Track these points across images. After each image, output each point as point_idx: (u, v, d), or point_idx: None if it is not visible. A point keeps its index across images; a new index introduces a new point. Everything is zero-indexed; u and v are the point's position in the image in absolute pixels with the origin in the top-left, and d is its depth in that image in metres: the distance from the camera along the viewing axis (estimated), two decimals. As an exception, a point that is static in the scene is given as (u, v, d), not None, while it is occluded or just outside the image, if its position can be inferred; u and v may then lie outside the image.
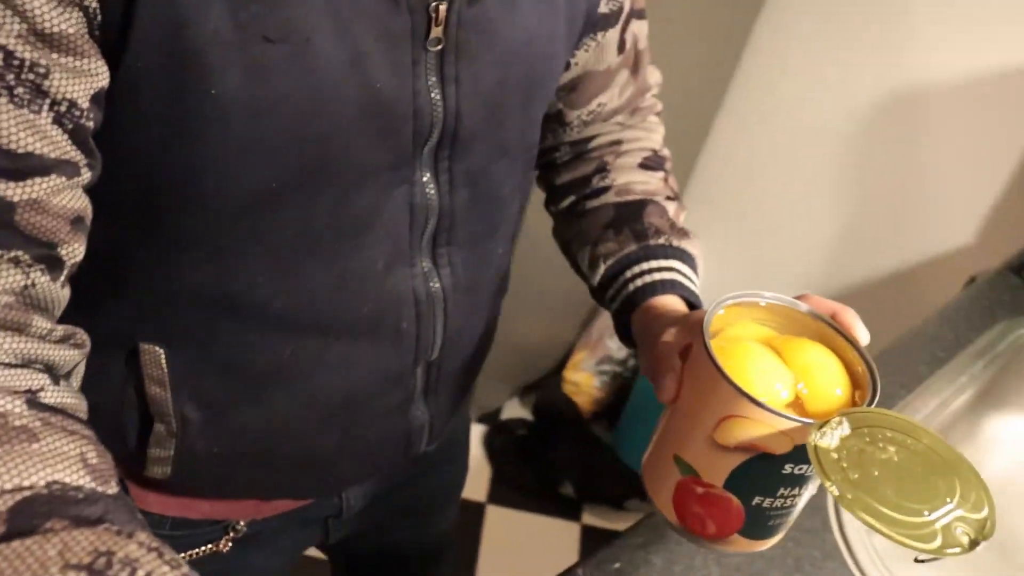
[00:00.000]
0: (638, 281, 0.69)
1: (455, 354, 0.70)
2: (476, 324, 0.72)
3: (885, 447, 0.48)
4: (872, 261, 1.81)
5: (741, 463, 0.51)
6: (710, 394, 0.51)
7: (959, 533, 0.46)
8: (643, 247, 0.70)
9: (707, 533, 0.55)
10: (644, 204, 0.73)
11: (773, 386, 0.52)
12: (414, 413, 0.71)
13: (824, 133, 1.79)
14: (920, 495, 0.47)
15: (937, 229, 1.69)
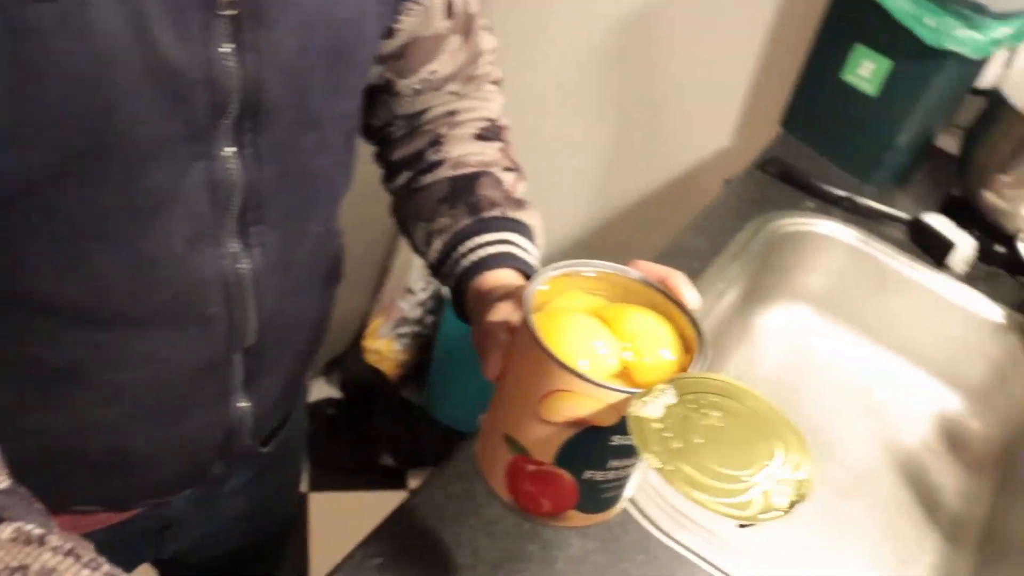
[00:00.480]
0: (472, 256, 0.66)
1: (277, 340, 0.67)
2: (297, 307, 0.69)
3: (709, 413, 0.48)
4: (637, 179, 1.83)
5: (569, 438, 0.50)
6: (533, 369, 0.50)
7: (778, 495, 0.46)
8: (477, 220, 0.68)
9: (542, 511, 0.54)
10: (479, 176, 0.71)
11: (597, 356, 0.51)
12: (234, 405, 0.68)
13: (567, 59, 1.77)
14: (741, 460, 0.46)
15: (694, 137, 1.71)
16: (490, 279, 0.65)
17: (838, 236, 1.19)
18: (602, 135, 1.82)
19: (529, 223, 0.71)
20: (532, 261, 0.68)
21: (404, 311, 2.13)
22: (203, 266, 0.58)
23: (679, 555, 0.76)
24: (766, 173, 1.25)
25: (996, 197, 1.18)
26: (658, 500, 0.79)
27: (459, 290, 0.68)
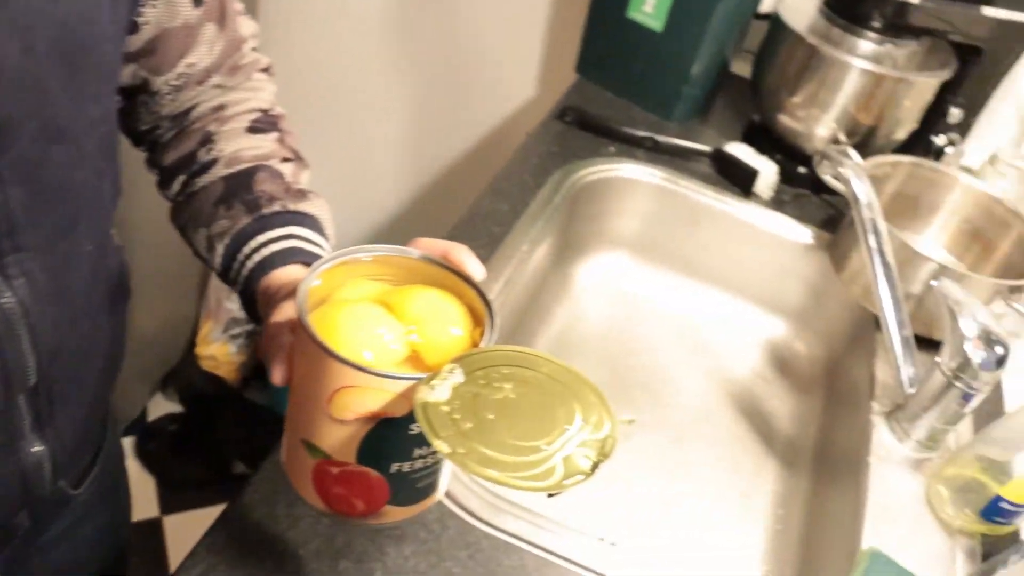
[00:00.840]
0: (255, 256, 0.63)
1: (65, 374, 0.62)
2: (82, 335, 0.63)
3: (501, 386, 0.46)
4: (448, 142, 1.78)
5: (366, 434, 0.48)
6: (316, 369, 0.48)
7: (581, 458, 0.45)
8: (257, 218, 0.64)
9: (357, 512, 0.53)
10: (255, 172, 0.67)
11: (382, 345, 0.49)
12: (27, 451, 0.62)
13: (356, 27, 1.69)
14: (539, 429, 0.45)
15: (500, 92, 1.67)
16: (278, 278, 0.61)
17: (643, 178, 1.17)
18: (404, 102, 1.76)
19: (314, 213, 0.67)
20: (322, 253, 0.65)
21: (233, 311, 2.04)
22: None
23: (505, 543, 0.72)
24: (564, 122, 1.21)
25: (790, 119, 1.18)
26: (474, 488, 0.75)
27: (248, 294, 0.64)
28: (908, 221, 1.15)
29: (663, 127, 1.26)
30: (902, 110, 1.14)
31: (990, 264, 1.09)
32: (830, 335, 1.19)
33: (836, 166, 0.95)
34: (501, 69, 1.63)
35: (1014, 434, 0.78)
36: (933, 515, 0.83)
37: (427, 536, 0.71)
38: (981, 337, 0.82)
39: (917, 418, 0.88)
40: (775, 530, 0.99)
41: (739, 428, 1.10)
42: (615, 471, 0.98)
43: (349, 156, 1.90)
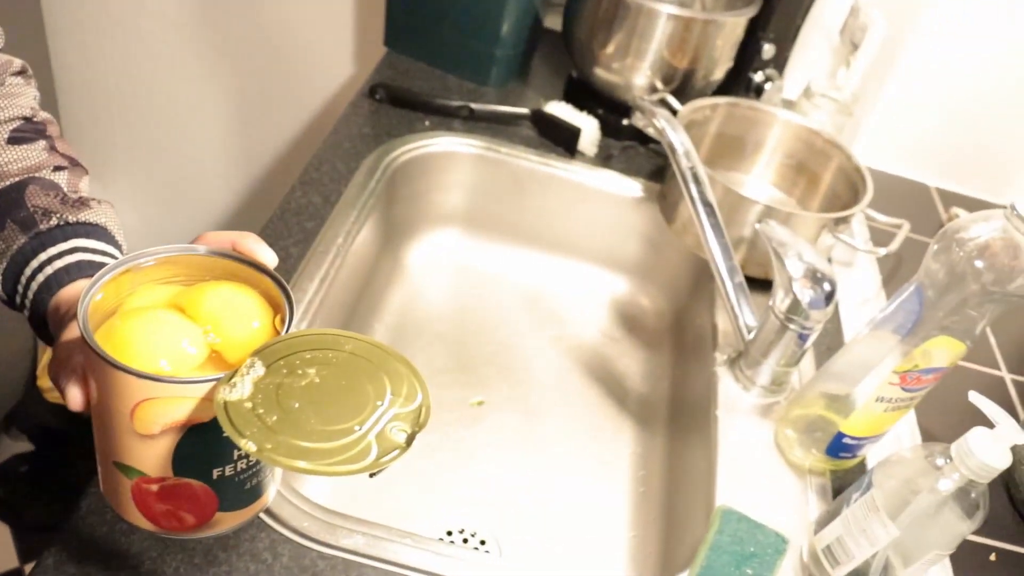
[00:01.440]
0: (39, 277, 0.59)
1: None
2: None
3: (305, 371, 0.45)
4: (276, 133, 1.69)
5: (177, 445, 0.46)
6: (111, 386, 0.45)
7: (395, 433, 0.44)
8: (33, 236, 0.60)
9: (188, 526, 0.50)
10: (24, 186, 0.62)
11: (178, 351, 0.47)
12: None
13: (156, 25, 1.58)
14: (349, 410, 0.44)
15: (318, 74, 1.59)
16: (66, 296, 0.57)
17: (460, 149, 1.12)
18: (222, 97, 1.66)
19: (98, 221, 0.63)
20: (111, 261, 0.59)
21: (71, 337, 1.91)
22: None
23: (344, 560, 0.67)
24: (375, 100, 1.15)
25: (606, 72, 1.16)
26: (305, 508, 0.69)
27: (38, 318, 0.59)
28: (735, 162, 1.14)
29: (481, 94, 1.21)
30: (715, 51, 1.13)
31: (817, 196, 1.09)
32: (673, 287, 1.17)
33: (650, 117, 0.92)
34: (314, 51, 1.56)
35: (851, 367, 0.78)
36: (783, 459, 0.82)
37: (259, 568, 0.65)
38: (807, 276, 0.81)
39: (758, 364, 0.87)
40: (638, 493, 0.97)
41: (593, 393, 1.07)
42: (469, 457, 0.95)
43: (172, 160, 1.80)
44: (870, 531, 0.66)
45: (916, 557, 0.65)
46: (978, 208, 1.22)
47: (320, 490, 0.88)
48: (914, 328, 0.70)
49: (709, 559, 0.70)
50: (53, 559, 0.63)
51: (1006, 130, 1.24)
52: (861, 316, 1.01)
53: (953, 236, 0.66)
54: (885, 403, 0.74)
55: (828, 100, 1.15)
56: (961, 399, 0.65)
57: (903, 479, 0.65)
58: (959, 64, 1.19)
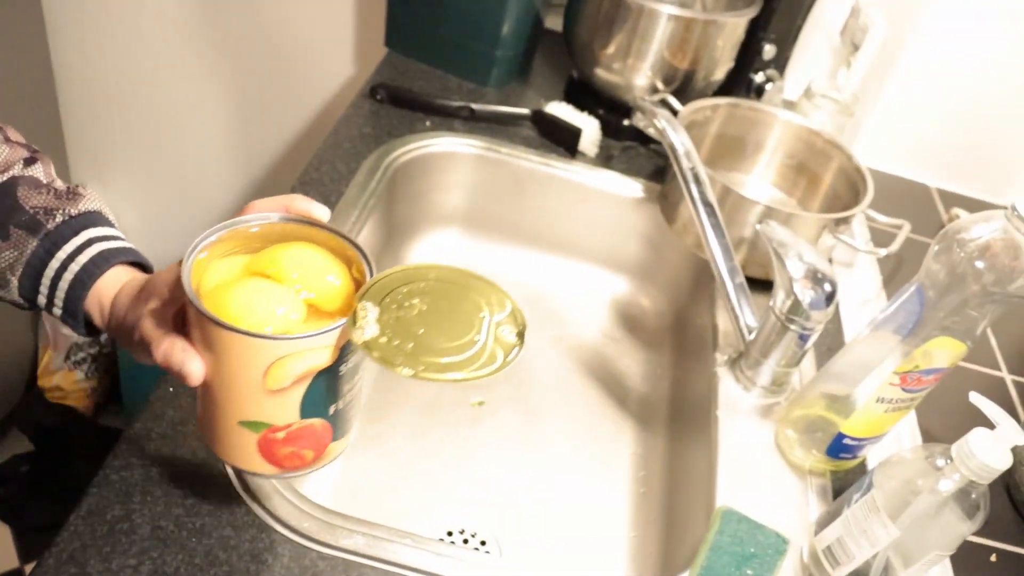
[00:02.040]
0: (67, 275, 0.60)
1: None
2: None
3: (411, 303, 0.49)
4: (276, 132, 1.69)
5: (305, 391, 0.51)
6: (241, 354, 0.49)
7: (507, 335, 0.49)
8: (44, 237, 0.60)
9: (308, 461, 0.56)
10: (10, 189, 0.61)
11: (282, 310, 0.50)
12: None
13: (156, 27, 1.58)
14: (463, 327, 0.49)
15: (318, 73, 1.59)
16: (106, 288, 0.60)
17: (461, 150, 1.12)
18: (222, 96, 1.66)
19: (95, 208, 0.64)
20: (126, 244, 0.63)
21: (72, 337, 1.92)
22: None
23: (344, 561, 0.67)
24: (376, 100, 1.15)
25: (607, 72, 1.15)
26: (304, 508, 0.69)
27: (73, 313, 0.61)
28: (735, 162, 1.14)
29: (482, 94, 1.21)
30: (716, 51, 1.13)
31: (818, 196, 1.09)
32: (673, 287, 1.17)
33: (651, 117, 0.92)
34: (314, 51, 1.56)
35: (852, 368, 0.77)
36: (784, 459, 0.82)
37: (259, 568, 0.65)
38: (808, 276, 0.81)
39: (758, 364, 0.87)
40: (638, 493, 0.97)
41: (593, 394, 1.07)
42: (469, 457, 0.95)
43: (172, 160, 1.80)
44: (870, 532, 0.66)
45: (917, 558, 0.65)
46: (979, 208, 1.22)
47: (320, 490, 0.88)
48: (915, 329, 0.70)
49: (709, 559, 0.70)
50: (53, 559, 0.63)
51: (1007, 130, 1.24)
52: (862, 317, 1.01)
53: (954, 237, 0.66)
54: (886, 404, 0.74)
55: (829, 101, 1.15)
56: (962, 400, 0.65)
57: (904, 480, 0.65)
58: (959, 64, 1.19)
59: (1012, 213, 0.63)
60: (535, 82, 1.29)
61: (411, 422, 0.98)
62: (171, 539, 0.65)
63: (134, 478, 0.68)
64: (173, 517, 0.66)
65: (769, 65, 1.21)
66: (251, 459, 0.55)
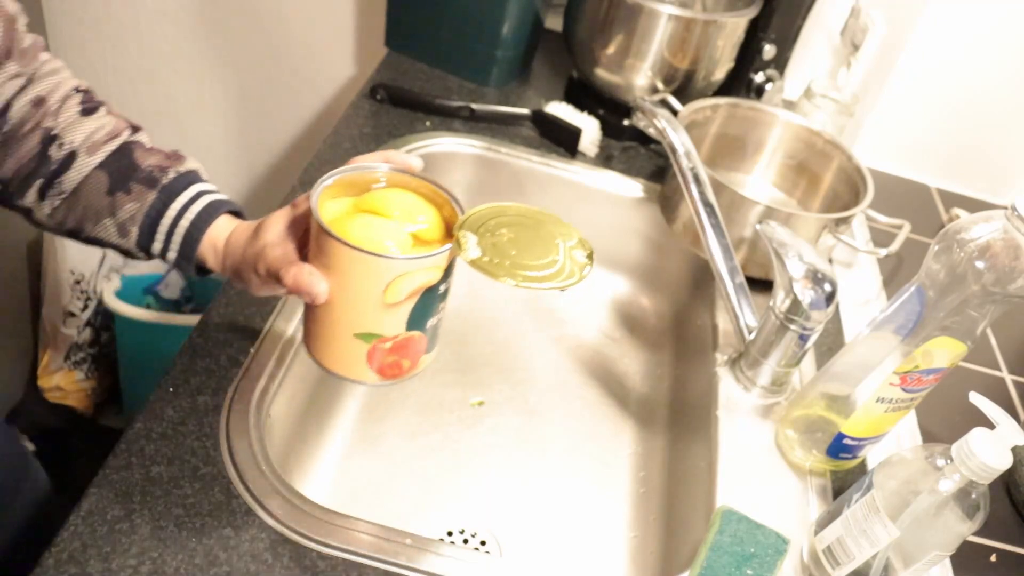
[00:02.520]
0: (182, 222, 0.68)
1: None
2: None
3: (500, 232, 0.58)
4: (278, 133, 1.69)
5: (412, 306, 0.59)
6: (364, 275, 0.57)
7: (579, 256, 0.59)
8: (161, 191, 0.69)
9: (404, 370, 0.63)
10: (128, 151, 0.70)
11: (392, 242, 0.58)
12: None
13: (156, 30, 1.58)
14: (545, 250, 0.58)
15: (319, 73, 1.59)
16: (218, 232, 0.69)
17: (461, 150, 1.12)
18: (223, 97, 1.66)
19: (196, 167, 0.72)
20: (226, 196, 0.72)
21: (72, 337, 1.91)
22: None
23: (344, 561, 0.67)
24: (376, 100, 1.15)
25: (607, 72, 1.16)
26: (304, 508, 0.69)
27: (186, 258, 0.69)
28: (736, 162, 1.14)
29: (482, 94, 1.21)
30: (716, 51, 1.13)
31: (818, 196, 1.09)
32: (673, 287, 1.17)
33: (651, 117, 0.92)
34: (314, 51, 1.56)
35: (852, 368, 0.77)
36: (784, 459, 0.82)
37: (259, 568, 0.65)
38: (808, 276, 0.81)
39: (758, 364, 0.87)
40: (638, 493, 0.97)
41: (593, 394, 1.07)
42: (469, 457, 0.95)
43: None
44: (871, 532, 0.66)
45: (917, 558, 0.65)
46: (979, 208, 1.22)
47: (320, 490, 0.88)
48: (915, 329, 0.70)
49: (709, 560, 0.70)
50: (53, 559, 0.63)
51: (1007, 130, 1.24)
52: (862, 317, 1.01)
53: (954, 237, 0.66)
54: (886, 404, 0.74)
55: (829, 101, 1.15)
56: (962, 400, 0.65)
57: (904, 480, 0.65)
58: (960, 64, 1.19)
59: (1012, 213, 0.63)
60: (535, 82, 1.29)
61: (411, 422, 0.98)
62: (171, 539, 0.65)
63: (134, 478, 0.68)
64: (173, 517, 0.66)
65: (769, 65, 1.21)
66: (358, 368, 0.62)
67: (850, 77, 1.21)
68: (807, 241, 0.85)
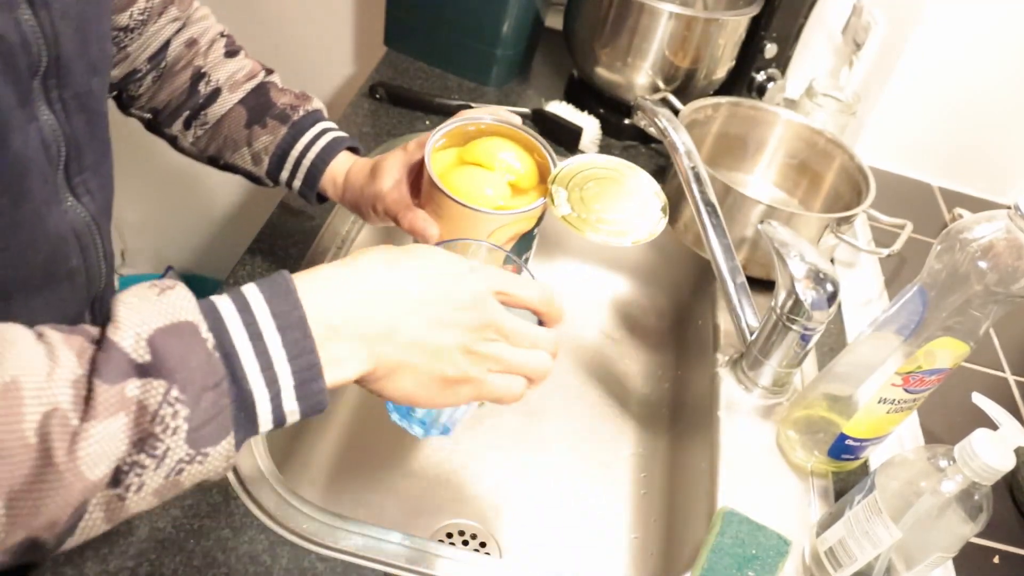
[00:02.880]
0: (309, 155, 0.77)
1: (110, 283, 0.71)
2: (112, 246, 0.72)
3: (586, 187, 0.64)
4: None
5: (512, 247, 0.67)
6: (470, 225, 0.65)
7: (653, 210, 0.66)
8: (291, 126, 0.78)
9: None
10: (264, 90, 0.80)
11: (496, 188, 0.66)
12: None
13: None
14: (626, 202, 0.65)
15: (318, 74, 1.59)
16: (338, 167, 0.78)
17: (461, 150, 1.12)
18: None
19: (321, 107, 0.82)
20: (345, 134, 0.80)
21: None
22: (59, 223, 0.61)
23: (343, 563, 0.67)
24: (375, 99, 1.14)
25: (608, 71, 1.15)
26: (304, 509, 0.69)
27: (309, 186, 0.79)
28: (737, 161, 1.14)
29: (482, 93, 1.21)
30: (717, 50, 1.12)
31: (819, 196, 1.09)
32: (675, 287, 1.17)
33: (652, 116, 0.91)
34: (314, 50, 1.55)
35: (854, 368, 0.77)
36: (785, 460, 0.82)
37: (258, 570, 0.65)
38: (810, 276, 0.80)
39: (760, 365, 0.86)
40: (639, 494, 0.96)
41: (594, 394, 1.07)
42: (469, 458, 0.94)
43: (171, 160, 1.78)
44: (873, 533, 0.65)
45: (919, 559, 0.65)
46: (981, 208, 1.22)
47: (319, 491, 0.88)
48: (917, 329, 0.69)
49: (711, 561, 0.69)
50: (50, 561, 0.62)
51: (1010, 129, 1.23)
52: (864, 317, 1.00)
53: (956, 236, 0.65)
54: (888, 404, 0.74)
55: (830, 99, 1.14)
56: (964, 400, 0.65)
57: (906, 481, 0.64)
58: (962, 63, 1.18)
59: (1015, 213, 0.63)
60: (535, 81, 1.28)
61: (411, 423, 0.97)
62: (169, 541, 0.65)
63: (132, 479, 0.68)
64: (171, 518, 0.66)
65: (770, 64, 1.21)
66: None
67: (852, 76, 1.21)
68: (809, 241, 0.84)
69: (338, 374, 0.46)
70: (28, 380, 0.38)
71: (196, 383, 0.41)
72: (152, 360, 0.40)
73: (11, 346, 0.39)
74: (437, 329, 0.48)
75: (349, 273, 0.48)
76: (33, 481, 0.37)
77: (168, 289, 0.43)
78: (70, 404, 0.39)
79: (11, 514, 0.37)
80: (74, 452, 0.38)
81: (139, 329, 0.41)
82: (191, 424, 0.41)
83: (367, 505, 0.88)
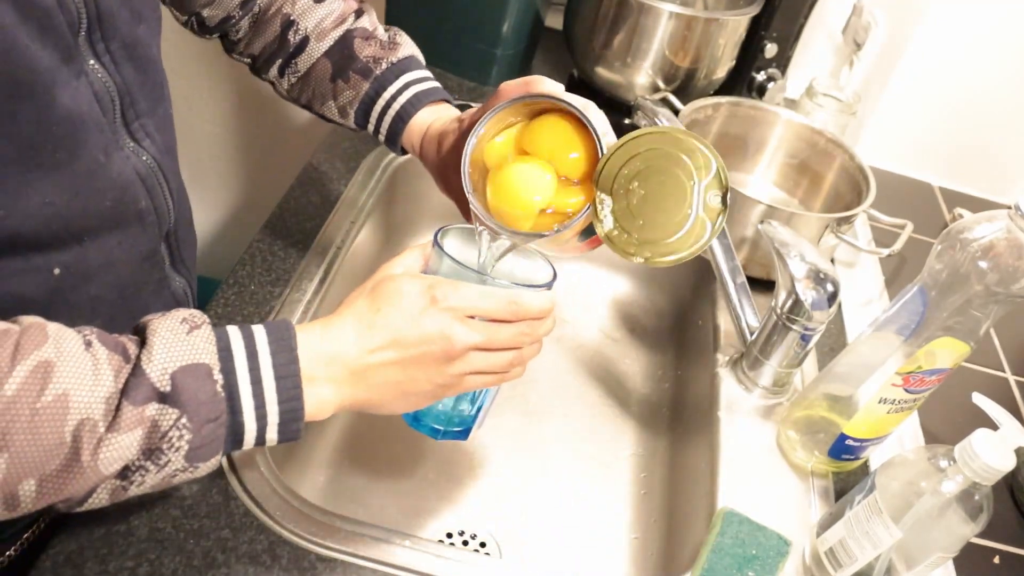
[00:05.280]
0: (391, 110, 0.76)
1: (182, 217, 0.75)
2: (181, 187, 0.76)
3: (632, 189, 0.56)
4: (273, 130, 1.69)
5: None
6: None
7: (713, 200, 0.55)
8: (374, 81, 0.76)
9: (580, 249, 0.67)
10: (349, 41, 0.78)
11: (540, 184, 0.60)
12: (173, 282, 0.76)
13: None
14: (676, 202, 0.55)
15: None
16: (419, 122, 0.76)
17: (461, 150, 1.12)
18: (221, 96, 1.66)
19: (410, 53, 0.79)
20: (433, 84, 0.78)
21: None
22: (123, 169, 0.63)
23: (343, 563, 0.67)
24: (376, 100, 1.14)
25: (608, 71, 1.15)
26: (304, 509, 0.69)
27: (393, 139, 0.78)
28: (738, 161, 1.14)
29: (482, 93, 1.21)
30: (717, 50, 1.12)
31: (820, 196, 1.09)
32: (674, 287, 1.17)
33: (652, 116, 0.91)
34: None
35: (854, 368, 0.77)
36: (785, 460, 0.82)
37: (258, 570, 0.65)
38: (810, 276, 0.80)
39: (760, 365, 0.86)
40: (639, 494, 0.96)
41: (594, 394, 1.07)
42: (469, 458, 0.94)
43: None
44: (873, 533, 0.65)
45: (919, 560, 0.65)
46: (982, 208, 1.22)
47: (319, 491, 0.88)
48: (917, 329, 0.69)
49: (711, 561, 0.69)
50: (50, 561, 0.62)
51: (1010, 129, 1.23)
52: (864, 317, 1.00)
53: (957, 236, 0.65)
54: (888, 404, 0.74)
55: (831, 99, 1.14)
56: (964, 400, 0.65)
57: (906, 481, 0.64)
58: (962, 63, 1.18)
59: (1016, 213, 0.62)
60: (535, 81, 1.28)
61: (411, 423, 0.97)
62: (169, 541, 0.65)
63: (131, 479, 0.68)
64: (171, 519, 0.66)
65: (771, 64, 1.21)
66: None
67: (852, 76, 1.21)
68: (809, 241, 0.84)
69: (316, 412, 0.58)
70: (75, 394, 0.48)
71: (201, 416, 0.51)
72: (171, 391, 0.50)
73: (66, 360, 0.48)
74: (412, 367, 0.58)
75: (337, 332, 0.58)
76: (61, 471, 0.48)
77: (195, 329, 0.53)
78: (101, 416, 0.49)
79: (40, 491, 0.48)
80: (97, 454, 0.49)
81: (166, 364, 0.51)
82: (191, 446, 0.52)
83: (367, 505, 0.88)
